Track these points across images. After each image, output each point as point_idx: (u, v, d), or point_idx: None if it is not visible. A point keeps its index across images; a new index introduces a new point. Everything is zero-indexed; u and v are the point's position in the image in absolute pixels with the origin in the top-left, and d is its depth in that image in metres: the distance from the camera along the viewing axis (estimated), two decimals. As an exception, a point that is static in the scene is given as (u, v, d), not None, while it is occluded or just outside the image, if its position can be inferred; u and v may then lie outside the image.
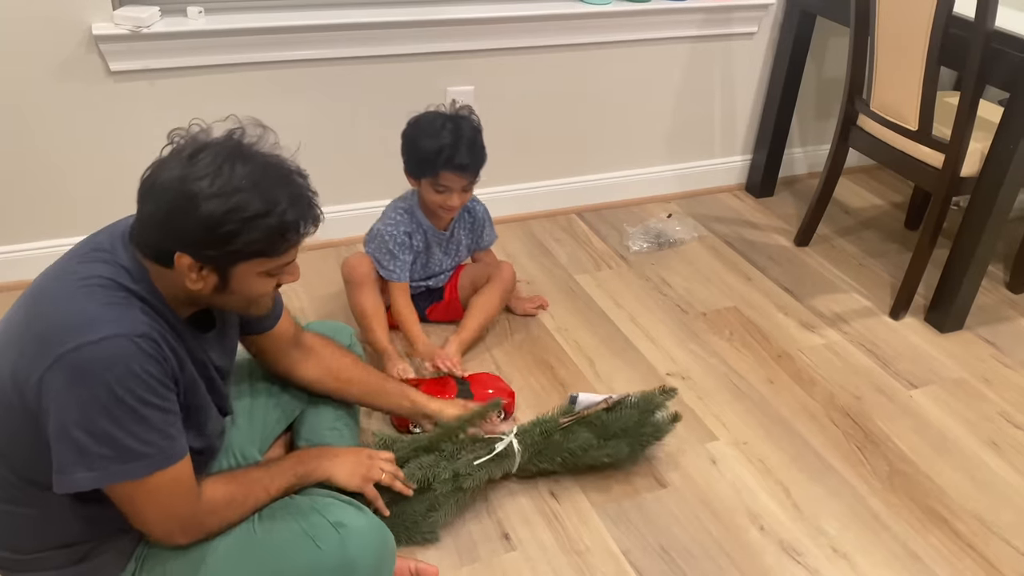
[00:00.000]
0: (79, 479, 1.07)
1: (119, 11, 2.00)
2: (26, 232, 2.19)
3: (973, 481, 1.84)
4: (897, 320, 2.36)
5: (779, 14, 2.74)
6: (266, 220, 1.09)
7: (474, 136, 1.90)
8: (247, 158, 1.10)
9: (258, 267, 1.14)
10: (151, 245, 1.12)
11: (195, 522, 1.19)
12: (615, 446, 1.70)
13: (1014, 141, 2.05)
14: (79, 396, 1.04)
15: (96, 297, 1.08)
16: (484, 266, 2.18)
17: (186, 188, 1.06)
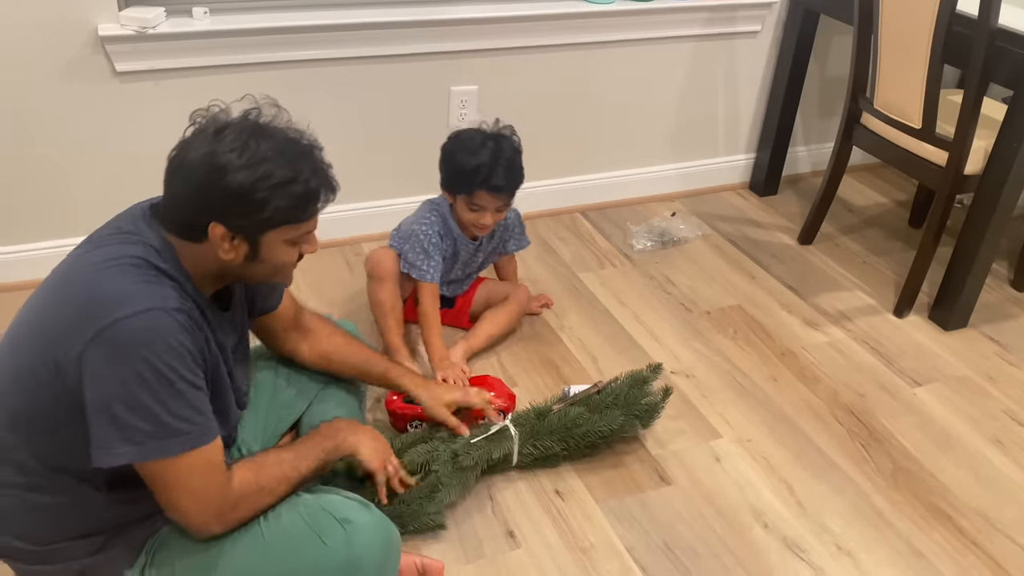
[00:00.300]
0: (119, 453, 1.09)
1: (125, 12, 2.01)
2: (32, 232, 2.21)
3: (977, 478, 1.84)
4: (901, 318, 2.36)
5: (783, 12, 2.74)
6: (292, 187, 1.15)
7: (513, 157, 1.87)
8: (269, 133, 1.16)
9: (285, 234, 1.20)
10: (182, 221, 1.17)
11: (228, 507, 1.19)
12: (609, 415, 1.74)
13: (1018, 139, 2.05)
14: (119, 369, 1.07)
15: (129, 275, 1.12)
16: (502, 285, 2.18)
17: (216, 161, 1.12)
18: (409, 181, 2.54)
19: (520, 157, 1.91)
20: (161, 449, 1.10)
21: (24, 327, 1.16)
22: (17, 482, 1.17)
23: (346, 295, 2.29)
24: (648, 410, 1.82)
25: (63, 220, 2.21)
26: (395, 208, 2.54)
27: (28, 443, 1.15)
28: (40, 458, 1.15)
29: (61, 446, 1.13)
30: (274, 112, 1.20)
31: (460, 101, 2.46)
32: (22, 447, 1.15)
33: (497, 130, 1.91)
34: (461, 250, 2.03)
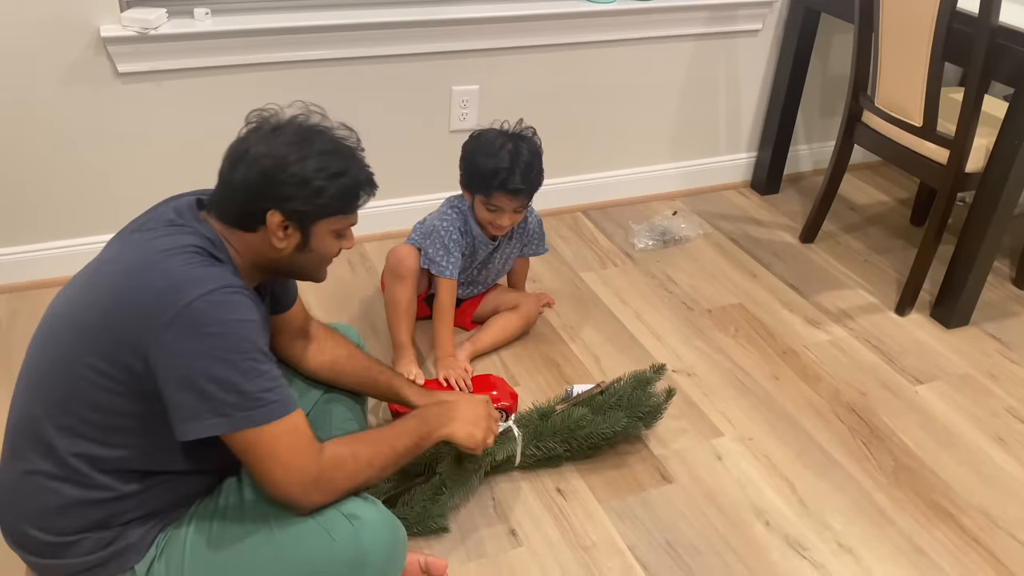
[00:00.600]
0: (207, 425, 1.13)
1: (127, 13, 2.02)
2: (36, 233, 2.21)
3: (979, 476, 1.84)
4: (903, 316, 2.36)
5: (783, 11, 2.74)
6: (344, 179, 1.26)
7: (532, 160, 1.86)
8: (320, 132, 1.27)
9: (333, 224, 1.29)
10: (240, 209, 1.24)
11: (322, 477, 1.21)
12: (612, 417, 1.75)
13: (1019, 137, 2.05)
14: (200, 347, 1.11)
15: (195, 261, 1.17)
16: (512, 294, 2.18)
17: (278, 153, 1.22)
18: (410, 181, 2.54)
19: (540, 159, 1.90)
20: (248, 420, 1.14)
21: (71, 319, 1.18)
22: (43, 469, 1.18)
23: (348, 294, 2.30)
24: (651, 411, 1.82)
25: (66, 221, 2.22)
26: (396, 208, 2.55)
27: (63, 431, 1.17)
28: (71, 448, 1.17)
29: (99, 436, 1.16)
30: (320, 117, 1.30)
31: (461, 101, 2.47)
32: (55, 435, 1.17)
33: (518, 131, 1.90)
34: (480, 249, 2.02)
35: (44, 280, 2.24)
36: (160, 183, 2.24)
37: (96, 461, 1.18)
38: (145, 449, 1.20)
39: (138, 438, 1.18)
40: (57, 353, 1.18)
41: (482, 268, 2.09)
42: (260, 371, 1.16)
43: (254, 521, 1.25)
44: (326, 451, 1.23)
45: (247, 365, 1.14)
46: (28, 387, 1.21)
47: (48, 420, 1.17)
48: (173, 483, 1.25)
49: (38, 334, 1.24)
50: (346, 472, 1.25)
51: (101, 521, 1.20)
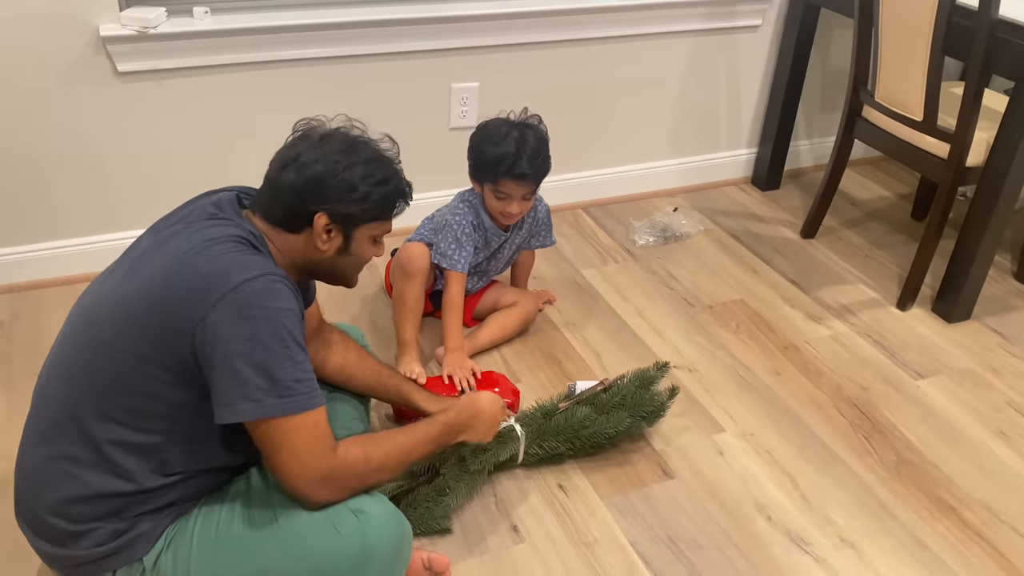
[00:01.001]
0: (239, 410, 1.16)
1: (126, 12, 2.02)
2: (36, 232, 2.21)
3: (981, 470, 1.84)
4: (904, 311, 2.36)
5: (783, 7, 2.74)
6: (387, 187, 1.33)
7: (538, 146, 1.88)
8: (365, 144, 1.35)
9: (373, 230, 1.36)
10: (287, 210, 1.29)
11: (333, 475, 1.24)
12: (616, 417, 1.75)
13: (1020, 130, 2.05)
14: (242, 329, 1.15)
15: (241, 249, 1.22)
16: (512, 291, 2.18)
17: (329, 159, 1.29)
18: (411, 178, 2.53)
19: (546, 146, 1.91)
20: (276, 408, 1.17)
21: (116, 307, 1.20)
22: (71, 454, 1.20)
23: (349, 293, 2.30)
24: (655, 410, 1.81)
25: (66, 220, 2.22)
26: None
27: (100, 417, 1.19)
28: (106, 435, 1.19)
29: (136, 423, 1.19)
30: (362, 131, 1.38)
31: (461, 98, 2.47)
32: (92, 421, 1.19)
33: (523, 119, 1.92)
34: (492, 240, 2.03)
35: (45, 280, 2.25)
36: (161, 182, 2.25)
37: (130, 450, 1.20)
38: (179, 440, 1.22)
39: (175, 427, 1.21)
40: (100, 341, 1.20)
41: (492, 258, 2.09)
42: (295, 360, 1.19)
43: (261, 514, 1.27)
44: (339, 450, 1.25)
45: (282, 352, 1.17)
46: (62, 375, 1.23)
47: (86, 406, 1.19)
48: (196, 479, 1.27)
49: (75, 323, 1.26)
50: (356, 472, 1.27)
51: (117, 511, 1.22)
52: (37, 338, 2.05)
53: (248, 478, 1.34)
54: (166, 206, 1.38)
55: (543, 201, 2.11)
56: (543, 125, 1.93)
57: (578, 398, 1.81)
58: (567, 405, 1.78)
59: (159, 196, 2.24)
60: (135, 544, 1.23)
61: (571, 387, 1.91)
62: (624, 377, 1.86)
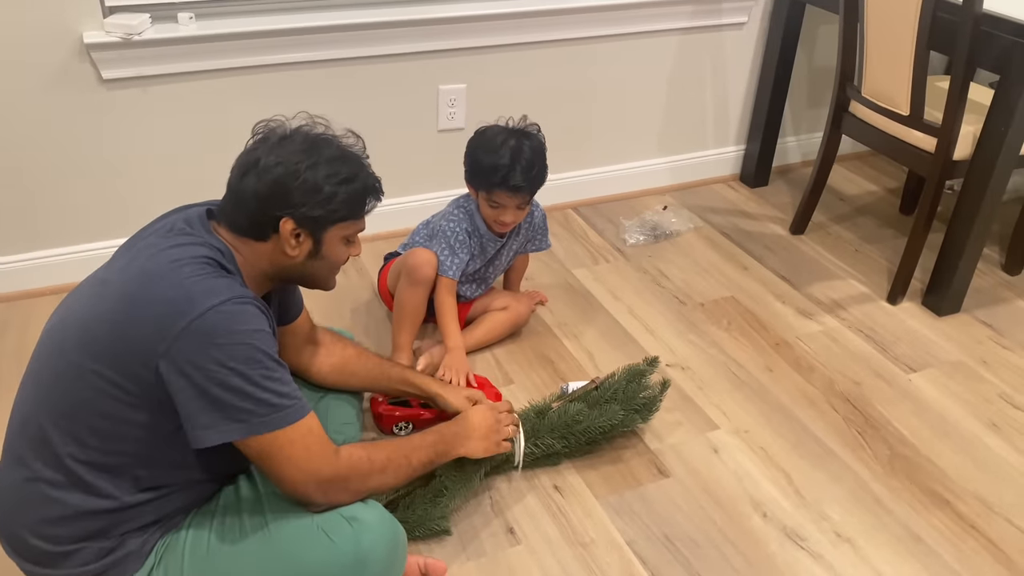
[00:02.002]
0: (225, 431, 1.15)
1: (109, 19, 2.00)
2: (22, 243, 2.20)
3: (974, 462, 1.85)
4: (894, 305, 2.37)
5: (768, 4, 2.74)
6: (354, 184, 1.28)
7: (533, 157, 1.85)
8: (328, 141, 1.30)
9: (344, 230, 1.31)
10: (251, 218, 1.25)
11: (337, 477, 1.24)
12: (609, 411, 1.75)
13: (1005, 123, 2.06)
14: (213, 357, 1.13)
15: (205, 272, 1.18)
16: (503, 295, 2.16)
17: (289, 161, 1.24)
18: (400, 182, 2.53)
19: (543, 156, 1.88)
20: (263, 425, 1.17)
21: (80, 328, 1.18)
22: (46, 477, 1.18)
23: (340, 298, 2.29)
24: (647, 404, 1.82)
25: (54, 229, 2.20)
26: (386, 209, 2.52)
27: (69, 440, 1.17)
28: (77, 456, 1.17)
29: (105, 445, 1.17)
30: (324, 127, 1.33)
31: (449, 100, 2.46)
32: (61, 443, 1.17)
33: (522, 127, 1.89)
34: (488, 246, 2.01)
35: (33, 290, 2.23)
36: (148, 189, 2.23)
37: (102, 470, 1.18)
38: (151, 458, 1.20)
39: (144, 447, 1.19)
40: (65, 362, 1.18)
41: (490, 264, 2.08)
42: (273, 378, 1.18)
43: (252, 524, 1.26)
44: (342, 452, 1.25)
45: (260, 373, 1.16)
46: (33, 395, 1.21)
47: (54, 428, 1.17)
48: (176, 493, 1.26)
49: (44, 342, 1.24)
50: (360, 473, 1.27)
51: (102, 530, 1.20)
52: (26, 349, 2.03)
53: (237, 488, 1.33)
54: (153, 213, 1.37)
55: (539, 207, 2.09)
56: (542, 135, 1.90)
57: (570, 397, 1.82)
58: (560, 404, 1.79)
59: (146, 203, 2.23)
60: (124, 562, 1.22)
61: (563, 388, 1.91)
62: (615, 374, 1.87)
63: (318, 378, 1.61)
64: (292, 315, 1.52)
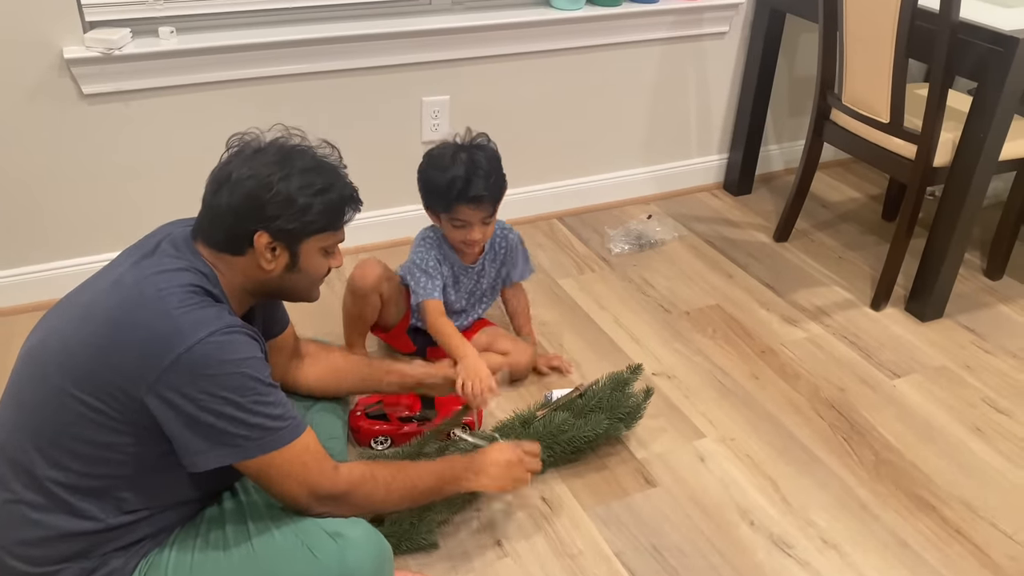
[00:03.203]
0: (221, 454, 1.16)
1: (90, 34, 1.99)
2: (4, 259, 2.18)
3: (959, 467, 1.86)
4: (878, 311, 2.38)
5: (749, 13, 2.76)
6: (329, 195, 1.26)
7: (489, 166, 1.78)
8: (302, 152, 1.28)
9: (321, 242, 1.29)
10: (227, 233, 1.24)
11: (337, 491, 1.24)
12: (593, 420, 1.75)
13: (984, 129, 2.08)
14: (205, 389, 1.12)
15: (193, 301, 1.17)
16: (507, 338, 2.02)
17: (261, 173, 1.22)
18: (382, 194, 2.53)
19: (498, 163, 1.83)
20: (259, 448, 1.17)
21: (63, 351, 1.16)
22: (26, 499, 1.17)
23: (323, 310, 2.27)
24: (631, 412, 1.82)
25: (37, 246, 2.18)
26: (370, 221, 2.54)
27: (50, 463, 1.15)
28: (58, 479, 1.16)
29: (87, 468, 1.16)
30: (300, 138, 1.31)
31: (432, 111, 2.46)
32: (41, 466, 1.16)
33: (470, 140, 1.84)
34: (461, 276, 1.95)
35: (13, 307, 2.21)
36: (131, 204, 2.22)
37: (85, 493, 1.16)
38: (135, 481, 1.19)
39: (129, 470, 1.18)
40: (48, 386, 1.16)
41: (470, 296, 2.01)
42: (266, 402, 1.17)
43: (236, 541, 1.25)
44: (341, 469, 1.26)
45: (251, 399, 1.16)
46: (14, 417, 1.19)
47: (35, 451, 1.16)
48: (162, 513, 1.25)
49: (25, 363, 1.22)
50: (362, 490, 1.27)
51: (83, 551, 1.19)
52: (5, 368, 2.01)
53: (221, 504, 1.32)
54: (137, 228, 1.36)
55: (513, 231, 2.01)
56: (493, 143, 1.85)
57: (554, 405, 1.81)
58: (544, 412, 1.79)
59: (129, 219, 2.21)
60: None
61: (547, 396, 1.91)
62: (599, 381, 1.87)
63: (307, 388, 1.61)
64: (277, 330, 1.52)
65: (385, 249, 2.55)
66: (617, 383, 1.86)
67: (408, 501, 1.38)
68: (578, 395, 1.83)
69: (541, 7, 2.50)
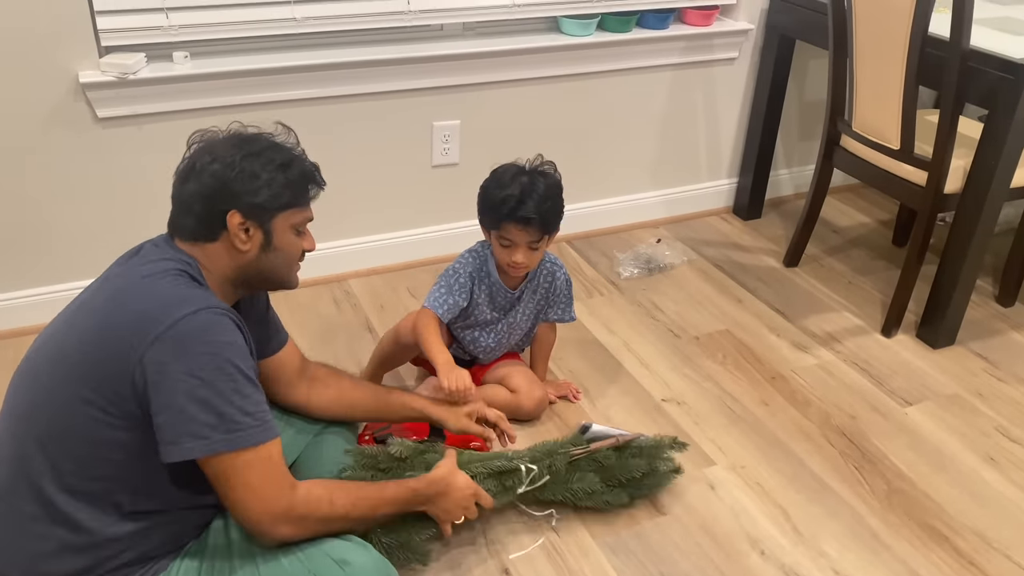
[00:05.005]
0: (186, 448, 1.14)
1: (105, 59, 2.02)
2: (15, 280, 2.19)
3: (972, 497, 1.84)
4: (889, 337, 2.37)
5: (759, 39, 2.77)
6: (290, 170, 1.29)
7: (547, 192, 1.77)
8: (259, 137, 1.32)
9: (291, 219, 1.31)
10: (197, 219, 1.26)
11: (293, 512, 1.22)
12: (616, 495, 1.70)
13: (995, 157, 2.08)
14: (183, 366, 1.13)
15: (180, 282, 1.21)
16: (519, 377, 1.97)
17: (224, 156, 1.26)
18: (394, 217, 2.54)
19: (557, 192, 1.81)
20: (225, 443, 1.15)
21: (57, 355, 1.19)
22: (28, 511, 1.17)
23: (333, 332, 2.28)
24: (655, 484, 1.76)
25: (48, 267, 2.20)
26: (381, 244, 2.55)
27: (49, 470, 1.16)
28: (57, 486, 1.16)
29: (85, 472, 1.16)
30: (257, 130, 1.34)
31: (443, 136, 2.48)
32: (41, 475, 1.16)
33: (536, 166, 1.84)
34: (497, 296, 1.91)
35: (23, 328, 2.21)
36: (142, 226, 2.22)
37: (82, 499, 1.17)
38: (131, 482, 1.19)
39: (124, 471, 1.18)
40: (43, 390, 1.18)
41: (503, 319, 1.95)
42: (242, 393, 1.17)
43: (242, 566, 1.24)
44: (301, 488, 1.24)
45: (228, 385, 1.15)
46: (10, 428, 1.20)
47: (34, 460, 1.16)
48: (158, 523, 1.24)
49: (20, 374, 1.23)
50: (319, 515, 1.25)
51: (86, 568, 1.18)
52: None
53: (227, 529, 1.32)
54: (147, 252, 1.36)
55: (564, 270, 1.96)
56: (558, 173, 1.84)
57: (591, 450, 1.70)
58: (580, 454, 1.69)
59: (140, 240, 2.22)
60: None
61: (584, 427, 1.78)
62: (641, 438, 1.76)
63: (318, 412, 1.61)
64: (273, 347, 1.52)
65: (398, 272, 2.56)
66: (655, 457, 1.75)
67: (367, 524, 1.37)
68: (616, 445, 1.73)
69: (552, 33, 2.52)
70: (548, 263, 1.95)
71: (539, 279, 1.94)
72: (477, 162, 2.00)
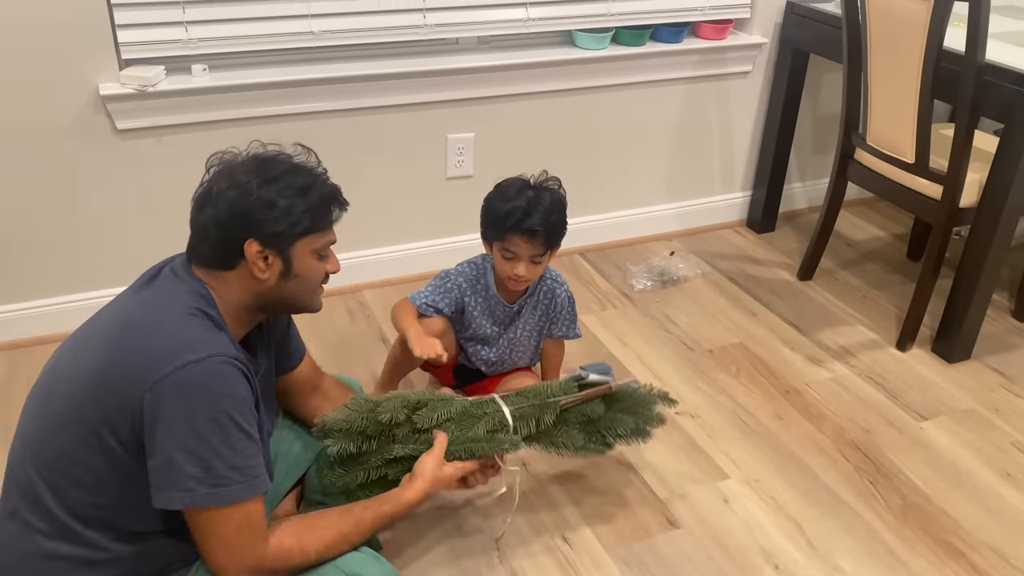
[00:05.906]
0: (171, 498, 1.14)
1: (125, 71, 2.04)
2: (37, 290, 2.21)
3: (988, 512, 1.82)
4: (904, 352, 2.35)
5: (773, 53, 2.78)
6: (311, 193, 1.25)
7: (553, 206, 1.77)
8: (278, 159, 1.28)
9: (311, 244, 1.27)
10: (217, 248, 1.23)
11: (262, 567, 1.21)
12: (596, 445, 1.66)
13: (1011, 171, 2.07)
14: (180, 413, 1.12)
15: (192, 324, 1.18)
16: None
17: (240, 182, 1.22)
18: (408, 229, 2.56)
19: (562, 207, 1.81)
20: (207, 497, 1.14)
21: (67, 379, 1.18)
22: (38, 528, 1.17)
23: (348, 344, 2.29)
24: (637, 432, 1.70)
25: (68, 277, 2.22)
26: (395, 256, 2.56)
27: (56, 491, 1.16)
28: (64, 506, 1.16)
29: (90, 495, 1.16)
30: (278, 149, 1.31)
31: (457, 148, 2.49)
32: (48, 494, 1.16)
33: (541, 181, 1.84)
34: (496, 309, 1.91)
35: (43, 336, 2.24)
36: (161, 238, 2.25)
37: (91, 522, 1.17)
38: (134, 507, 1.19)
39: (128, 495, 1.18)
40: (52, 413, 1.18)
41: (503, 334, 1.94)
42: (234, 447, 1.15)
43: None
44: (272, 542, 1.22)
45: (220, 439, 1.14)
46: (24, 446, 1.21)
47: (42, 479, 1.17)
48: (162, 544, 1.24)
49: (35, 393, 1.24)
50: (291, 564, 1.24)
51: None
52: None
53: None
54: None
55: (565, 287, 1.95)
56: (563, 190, 1.84)
57: (583, 397, 1.65)
58: (571, 401, 1.64)
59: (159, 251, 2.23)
60: None
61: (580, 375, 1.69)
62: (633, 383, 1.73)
63: None
64: (293, 362, 1.52)
65: (412, 283, 2.56)
66: (645, 408, 1.72)
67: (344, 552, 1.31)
68: (610, 391, 1.69)
69: (566, 46, 2.53)
70: (549, 279, 1.93)
71: (539, 295, 1.93)
72: (491, 174, 2.00)
